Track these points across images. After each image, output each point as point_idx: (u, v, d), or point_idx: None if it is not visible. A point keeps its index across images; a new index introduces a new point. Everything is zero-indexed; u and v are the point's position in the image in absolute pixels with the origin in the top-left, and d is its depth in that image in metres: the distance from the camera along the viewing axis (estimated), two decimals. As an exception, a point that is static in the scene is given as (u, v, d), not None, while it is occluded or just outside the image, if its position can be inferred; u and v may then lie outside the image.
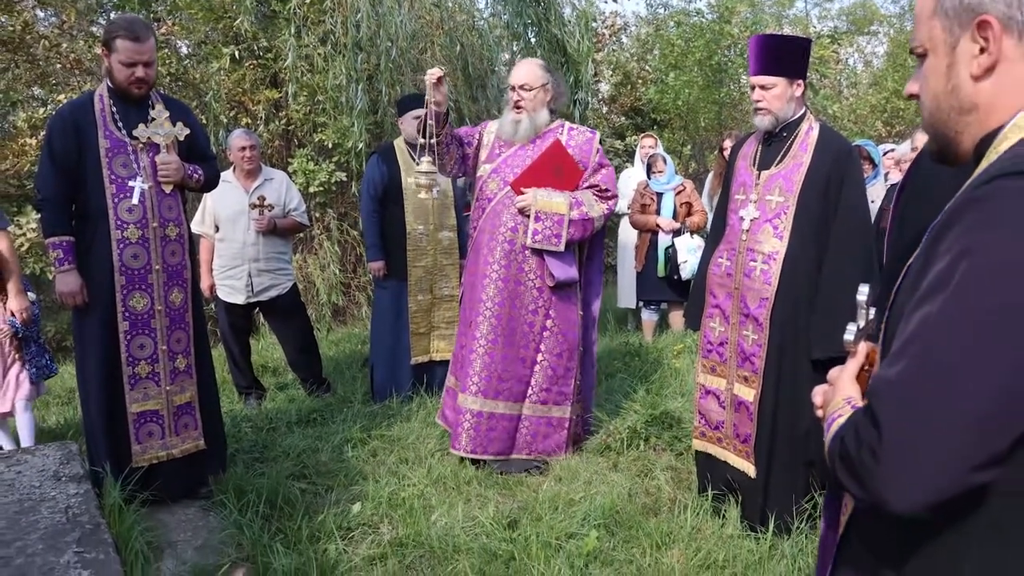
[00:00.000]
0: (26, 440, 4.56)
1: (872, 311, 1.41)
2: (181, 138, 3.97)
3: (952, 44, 1.21)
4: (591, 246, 4.62)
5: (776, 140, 3.66)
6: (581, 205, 4.33)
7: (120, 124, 3.83)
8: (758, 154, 3.72)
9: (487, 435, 4.34)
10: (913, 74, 1.33)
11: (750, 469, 3.65)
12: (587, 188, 4.42)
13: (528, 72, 4.38)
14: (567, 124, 4.52)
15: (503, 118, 4.49)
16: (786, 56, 3.55)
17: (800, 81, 3.57)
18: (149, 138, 3.86)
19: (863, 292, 1.43)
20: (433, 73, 4.07)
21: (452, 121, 4.33)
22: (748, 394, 3.64)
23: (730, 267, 3.71)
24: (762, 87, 3.57)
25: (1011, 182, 1.06)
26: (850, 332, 1.39)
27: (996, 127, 1.19)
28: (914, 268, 1.18)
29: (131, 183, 3.79)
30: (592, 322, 4.67)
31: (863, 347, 1.36)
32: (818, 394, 1.39)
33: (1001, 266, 1.02)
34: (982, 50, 1.17)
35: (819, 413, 1.35)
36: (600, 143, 4.55)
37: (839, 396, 1.29)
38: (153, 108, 3.91)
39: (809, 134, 3.60)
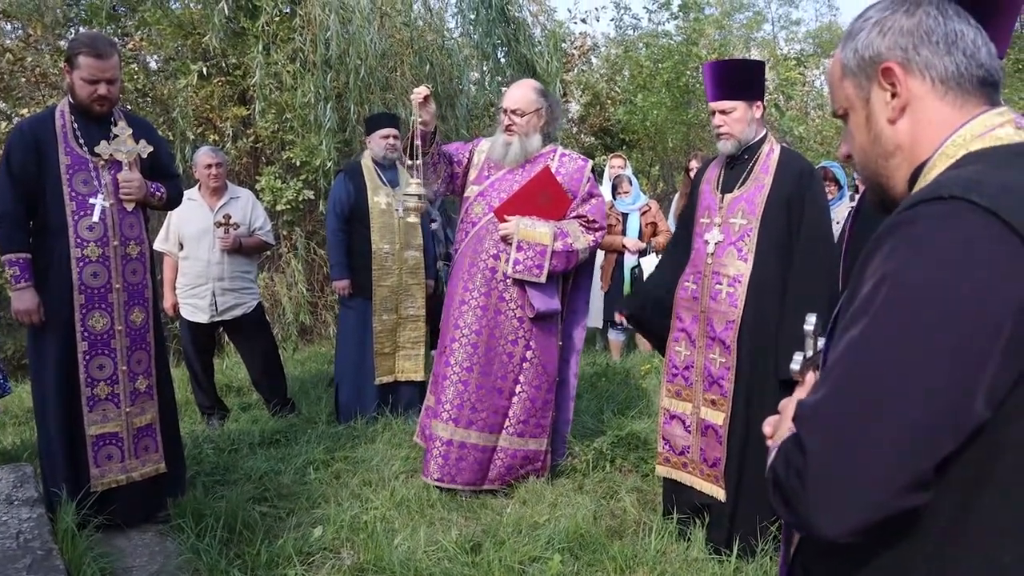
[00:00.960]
0: None
1: (821, 341, 1.42)
2: (144, 155, 3.92)
3: (865, 97, 1.30)
4: (578, 274, 4.51)
5: (738, 163, 3.69)
6: (566, 236, 4.23)
7: (81, 141, 3.78)
8: (721, 177, 3.75)
9: (457, 464, 4.23)
10: (842, 137, 1.40)
11: (719, 493, 3.64)
12: (574, 218, 4.32)
13: (521, 97, 4.26)
14: (560, 150, 4.40)
15: (495, 139, 4.36)
16: (742, 79, 3.59)
17: (759, 103, 3.61)
18: (111, 155, 3.81)
19: (810, 322, 1.45)
20: (420, 92, 3.97)
21: (439, 141, 4.24)
22: (717, 418, 3.64)
23: (696, 290, 3.72)
24: (722, 112, 3.60)
25: (931, 207, 1.08)
26: (796, 362, 1.42)
27: (923, 160, 1.25)
28: (847, 295, 1.20)
29: (92, 200, 3.74)
30: (572, 352, 4.54)
31: (810, 376, 1.38)
32: (768, 424, 1.40)
33: (919, 289, 1.04)
34: (893, 95, 1.25)
35: (769, 443, 1.36)
36: (592, 171, 4.44)
37: (785, 426, 1.30)
38: (115, 125, 3.86)
39: (770, 156, 3.64)
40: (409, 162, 4.03)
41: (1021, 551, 1.07)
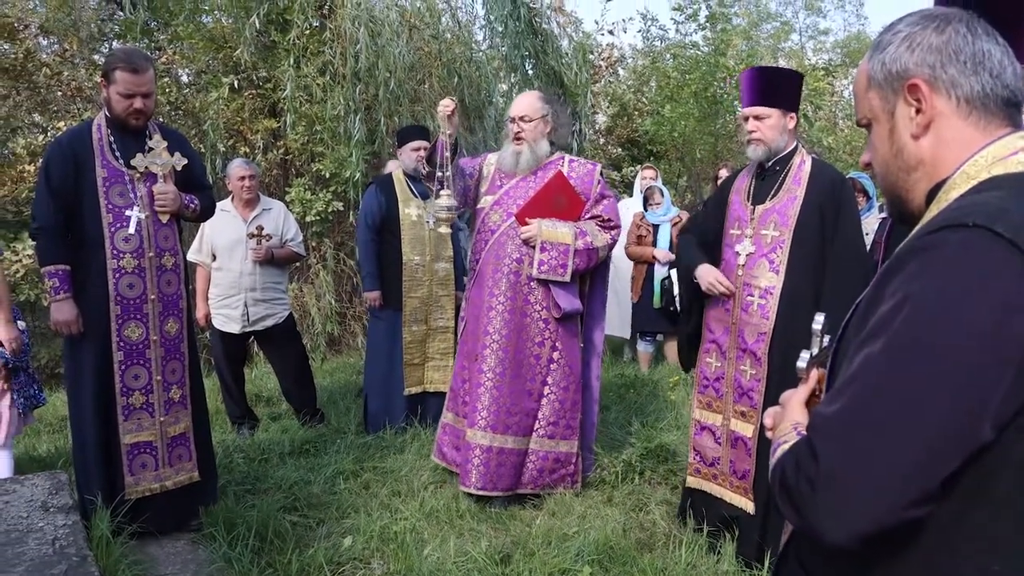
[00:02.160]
0: (3, 476, 4.48)
1: (827, 339, 1.47)
2: (179, 168, 3.97)
3: (890, 111, 1.31)
4: (593, 278, 4.57)
5: (769, 174, 3.68)
6: (586, 235, 4.30)
7: (118, 154, 3.83)
8: (751, 188, 3.74)
9: (497, 471, 4.26)
10: (865, 146, 1.42)
11: (748, 505, 3.62)
12: (589, 219, 4.39)
13: (527, 104, 4.39)
14: (568, 156, 4.51)
15: (503, 150, 4.46)
16: (780, 88, 3.59)
17: (793, 114, 3.61)
18: (147, 168, 3.86)
19: (818, 321, 1.50)
20: (447, 105, 4.08)
21: (461, 151, 4.32)
22: (746, 430, 3.62)
23: (726, 302, 3.71)
24: (756, 117, 3.60)
25: (956, 234, 1.11)
26: (803, 359, 1.46)
27: (944, 177, 1.26)
28: (862, 305, 1.23)
29: (128, 212, 3.79)
30: (594, 354, 4.59)
31: (814, 373, 1.44)
32: (769, 415, 1.46)
33: (938, 314, 1.07)
34: (917, 111, 1.26)
35: (768, 435, 1.42)
36: (601, 175, 4.53)
37: (787, 421, 1.36)
38: (151, 138, 3.91)
39: (802, 167, 3.63)
40: (439, 173, 4.09)
41: (1010, 562, 1.11)
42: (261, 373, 7.42)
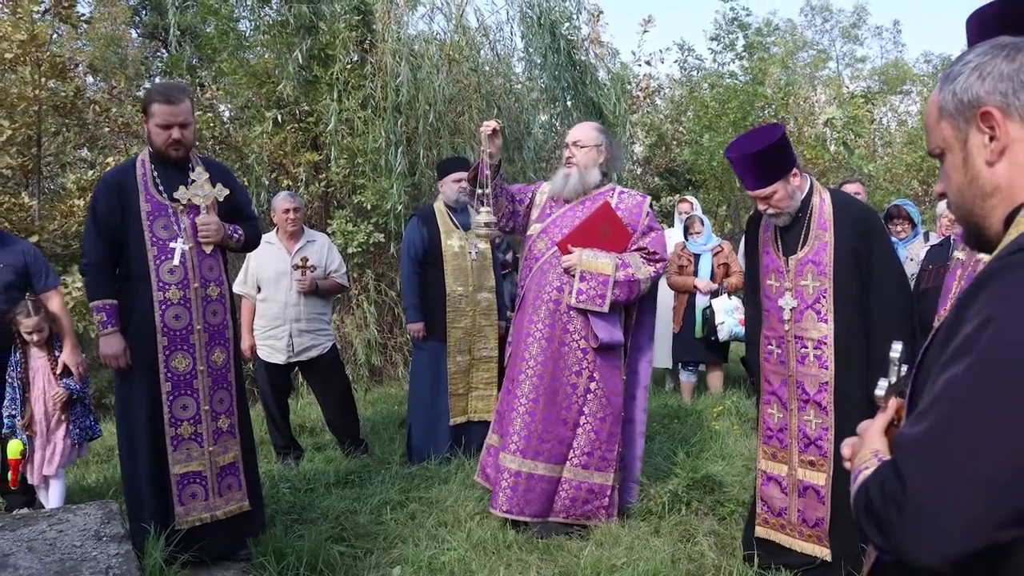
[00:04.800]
0: (54, 506, 4.54)
1: (904, 368, 1.47)
2: (221, 199, 4.02)
3: (963, 139, 1.31)
4: (640, 310, 4.56)
5: (792, 223, 3.63)
6: (627, 267, 4.29)
7: (161, 187, 3.89)
8: (779, 238, 3.69)
9: (525, 496, 4.26)
10: (938, 176, 1.43)
11: (823, 552, 3.56)
12: (635, 251, 4.39)
13: (583, 132, 4.47)
14: (618, 188, 4.54)
15: (555, 176, 4.51)
16: (770, 162, 3.47)
17: (795, 170, 3.53)
18: (190, 200, 3.92)
19: (896, 349, 1.49)
20: (489, 125, 4.16)
21: (503, 174, 4.36)
22: (817, 478, 3.57)
23: (781, 355, 3.67)
24: (764, 198, 3.53)
25: None
26: (881, 388, 1.46)
27: (1022, 201, 1.27)
28: (942, 330, 1.22)
29: (172, 245, 3.84)
30: (638, 387, 4.56)
31: (893, 402, 1.43)
32: (847, 446, 1.45)
33: None
34: (991, 138, 1.27)
35: (847, 465, 1.41)
36: (650, 207, 4.53)
37: (866, 449, 1.36)
38: (193, 170, 3.97)
39: (823, 208, 3.57)
40: (479, 191, 4.15)
41: None
42: (304, 404, 7.46)
